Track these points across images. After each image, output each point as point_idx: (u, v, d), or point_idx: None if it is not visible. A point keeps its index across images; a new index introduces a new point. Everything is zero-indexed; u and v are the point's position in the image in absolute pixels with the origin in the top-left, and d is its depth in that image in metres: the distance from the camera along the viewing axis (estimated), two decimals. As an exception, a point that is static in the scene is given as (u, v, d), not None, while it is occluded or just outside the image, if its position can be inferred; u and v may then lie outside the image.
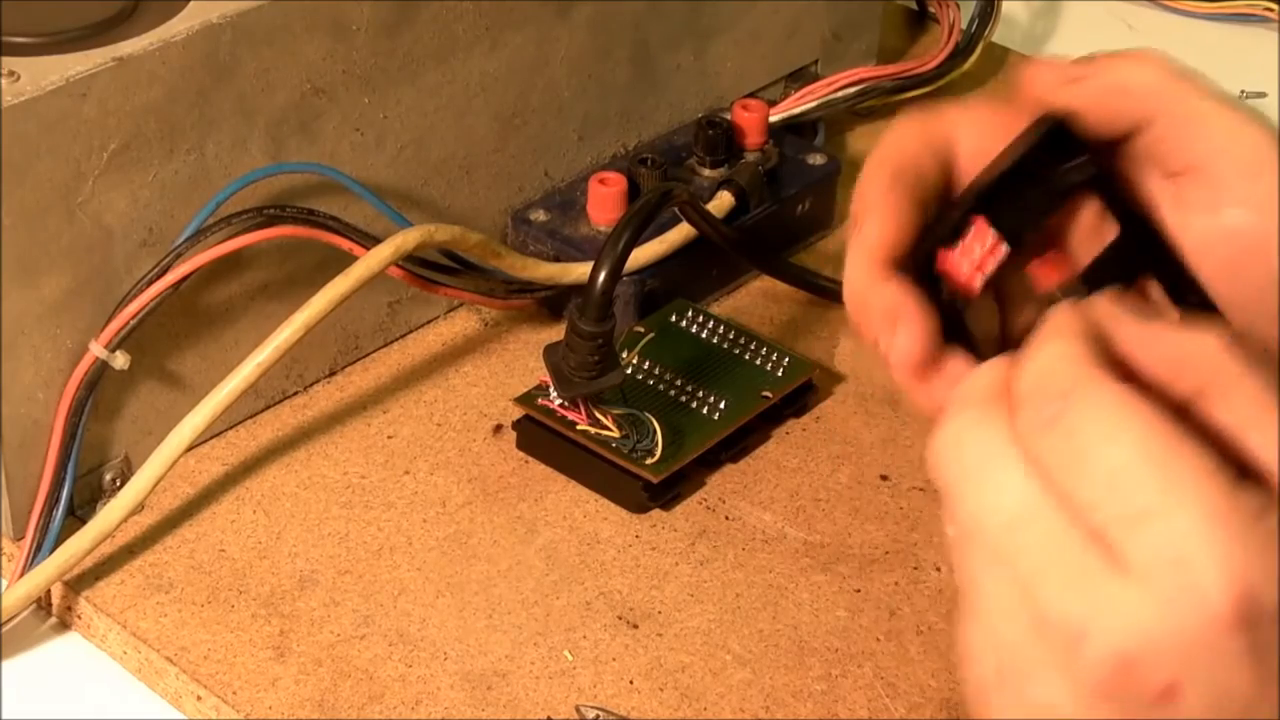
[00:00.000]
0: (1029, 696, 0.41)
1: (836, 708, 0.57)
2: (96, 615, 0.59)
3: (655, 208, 0.63)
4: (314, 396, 0.68)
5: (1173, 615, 0.39)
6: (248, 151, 0.62)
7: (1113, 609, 0.40)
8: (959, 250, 0.47)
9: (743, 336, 0.69)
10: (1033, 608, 0.41)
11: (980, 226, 0.46)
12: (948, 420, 0.43)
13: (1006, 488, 0.41)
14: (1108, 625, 0.40)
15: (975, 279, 0.47)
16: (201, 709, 0.57)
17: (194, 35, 0.59)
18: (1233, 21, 0.98)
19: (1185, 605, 0.39)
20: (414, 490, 0.64)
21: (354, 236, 0.64)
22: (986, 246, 0.47)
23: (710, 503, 0.64)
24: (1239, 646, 0.39)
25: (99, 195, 0.58)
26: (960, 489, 0.42)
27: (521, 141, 0.72)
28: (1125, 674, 0.39)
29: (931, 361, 0.47)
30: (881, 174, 0.48)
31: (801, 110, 0.80)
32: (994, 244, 0.47)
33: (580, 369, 0.62)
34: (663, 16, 0.75)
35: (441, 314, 0.72)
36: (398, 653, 0.58)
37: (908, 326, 0.46)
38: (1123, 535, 0.40)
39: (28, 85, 0.55)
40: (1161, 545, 0.39)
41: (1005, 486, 0.41)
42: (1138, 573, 0.39)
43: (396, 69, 0.65)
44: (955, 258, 0.47)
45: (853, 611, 0.60)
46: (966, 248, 0.47)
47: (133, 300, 0.59)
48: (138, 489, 0.60)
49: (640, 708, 0.56)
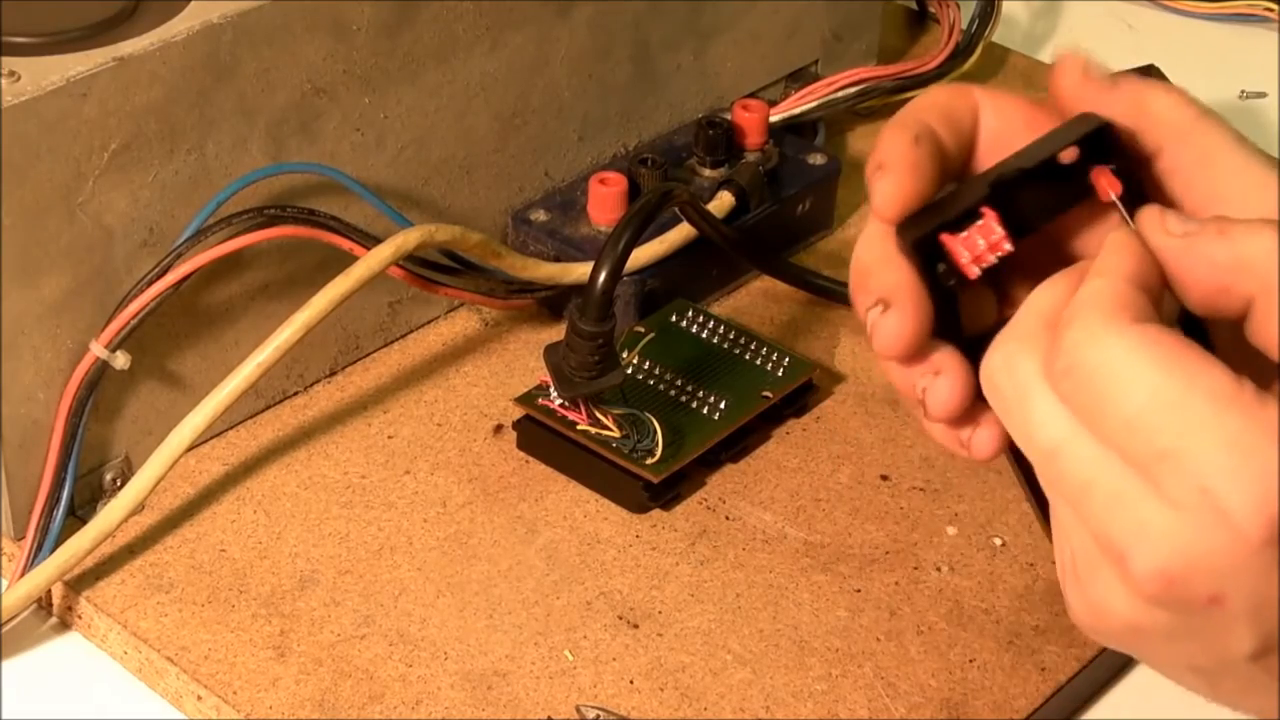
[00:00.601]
0: (1092, 595, 0.44)
1: (836, 708, 0.57)
2: (97, 615, 0.59)
3: (655, 208, 0.63)
4: (314, 396, 0.68)
5: (1207, 540, 0.41)
6: (248, 151, 0.62)
7: (1151, 532, 0.42)
8: (963, 239, 0.46)
9: (743, 336, 0.69)
10: (1086, 522, 0.43)
11: (988, 219, 0.46)
12: (998, 343, 0.45)
13: (1043, 421, 0.44)
14: (1148, 547, 0.42)
15: (972, 269, 0.46)
16: (202, 709, 0.57)
17: (194, 35, 0.59)
18: (1233, 21, 0.98)
19: (1217, 531, 0.41)
20: (414, 490, 0.64)
21: (354, 236, 0.64)
22: (991, 241, 0.46)
23: (710, 503, 0.64)
24: (1274, 559, 0.41)
25: (99, 195, 0.58)
26: (1006, 415, 0.45)
27: (522, 141, 0.72)
28: (1169, 588, 0.42)
29: (917, 349, 0.47)
30: (904, 134, 0.48)
31: (802, 110, 0.80)
32: (999, 239, 0.46)
33: (581, 369, 0.62)
34: (663, 16, 0.75)
35: (442, 314, 0.72)
36: (398, 653, 0.58)
37: (900, 310, 0.47)
38: (1152, 469, 0.42)
39: (28, 85, 0.55)
40: (1187, 480, 0.41)
41: (1042, 420, 0.44)
42: (1171, 500, 0.42)
43: (397, 69, 0.65)
44: (957, 244, 0.46)
45: (853, 611, 0.60)
46: (970, 238, 0.46)
47: (133, 300, 0.59)
48: (138, 489, 0.60)
49: (640, 708, 0.56)
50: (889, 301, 0.47)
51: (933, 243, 0.46)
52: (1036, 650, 0.59)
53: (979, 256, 0.46)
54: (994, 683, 0.58)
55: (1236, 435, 0.41)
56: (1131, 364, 0.42)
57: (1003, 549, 0.62)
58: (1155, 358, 0.42)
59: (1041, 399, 0.44)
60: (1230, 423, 0.41)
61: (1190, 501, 0.41)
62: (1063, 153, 0.46)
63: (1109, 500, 0.42)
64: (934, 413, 0.48)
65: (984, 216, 0.46)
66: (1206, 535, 0.41)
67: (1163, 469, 0.42)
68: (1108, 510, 0.42)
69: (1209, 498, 0.41)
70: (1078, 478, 0.43)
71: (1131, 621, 0.43)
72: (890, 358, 0.48)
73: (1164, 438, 0.41)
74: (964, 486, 0.65)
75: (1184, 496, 0.41)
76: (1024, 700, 0.57)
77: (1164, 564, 0.42)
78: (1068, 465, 0.43)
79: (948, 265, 0.46)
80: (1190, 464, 0.41)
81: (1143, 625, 0.43)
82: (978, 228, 0.46)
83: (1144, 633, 0.43)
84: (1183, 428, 0.41)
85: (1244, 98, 0.91)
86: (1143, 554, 0.42)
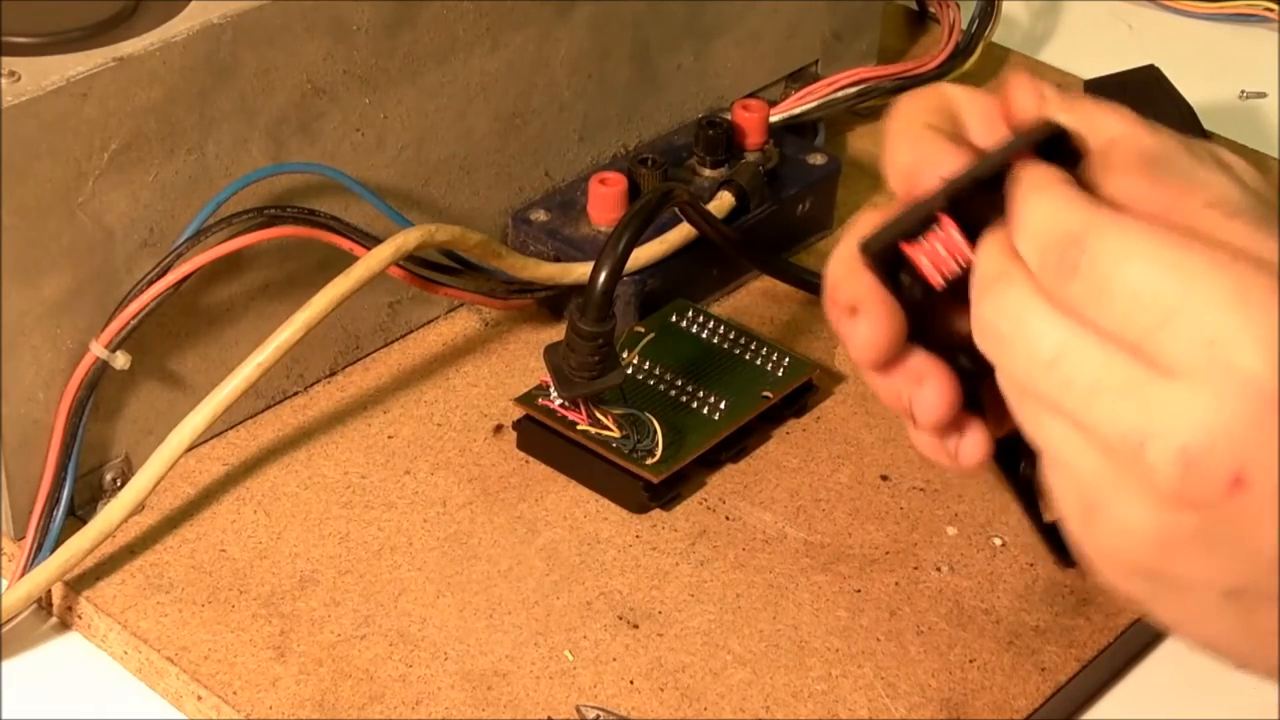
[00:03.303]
0: (1114, 522, 0.43)
1: (836, 708, 0.57)
2: (97, 615, 0.59)
3: (655, 208, 0.63)
4: (314, 396, 0.68)
5: (1221, 400, 0.41)
6: (248, 151, 0.62)
7: (1164, 410, 0.41)
8: (923, 248, 0.46)
9: (743, 336, 0.69)
10: (1094, 436, 0.42)
11: (945, 227, 0.46)
12: (977, 302, 0.45)
13: (1042, 333, 0.43)
14: (1163, 427, 0.41)
15: (935, 277, 0.46)
16: (202, 709, 0.57)
17: (194, 35, 0.59)
18: (1233, 21, 0.98)
19: (1230, 387, 0.41)
20: (414, 490, 0.64)
21: (354, 236, 0.64)
22: (951, 248, 0.46)
23: (710, 503, 0.64)
24: None
25: (99, 195, 0.58)
26: (1006, 355, 0.44)
27: (522, 141, 0.72)
28: (1191, 471, 0.41)
29: (892, 354, 0.47)
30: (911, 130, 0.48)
31: (802, 110, 0.80)
32: (958, 246, 0.46)
33: (581, 369, 0.62)
34: (663, 16, 0.75)
35: (442, 314, 0.72)
36: (398, 653, 0.58)
37: (869, 315, 0.47)
38: (1158, 341, 0.41)
39: (28, 85, 0.55)
40: (1193, 336, 0.41)
41: (1041, 332, 0.43)
42: (1180, 371, 0.41)
43: (397, 69, 0.65)
44: (918, 253, 0.46)
45: (853, 611, 0.60)
46: (930, 247, 0.46)
47: (133, 300, 0.59)
48: (138, 489, 0.60)
49: (640, 708, 0.57)
50: (857, 308, 0.47)
51: (894, 253, 0.46)
52: (1036, 650, 0.59)
53: (940, 263, 0.46)
54: (994, 683, 0.58)
55: (1239, 290, 0.41)
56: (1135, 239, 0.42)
57: (1003, 549, 0.62)
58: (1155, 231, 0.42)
59: (1037, 315, 0.43)
60: (1233, 276, 0.41)
61: (1199, 363, 0.41)
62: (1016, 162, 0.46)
63: (1117, 394, 0.42)
64: (922, 420, 0.48)
65: (941, 224, 0.46)
66: (1219, 396, 0.40)
67: (1167, 334, 0.41)
68: (1117, 405, 0.42)
69: (1216, 351, 0.40)
70: (1084, 380, 0.42)
71: (1157, 537, 0.42)
72: (867, 365, 0.48)
73: (1169, 297, 0.41)
74: (964, 486, 0.65)
75: (1192, 359, 0.41)
76: (1024, 700, 0.57)
77: (1182, 442, 0.41)
78: (1073, 369, 0.42)
79: (911, 276, 0.46)
80: (1194, 318, 0.41)
81: (1169, 539, 0.42)
82: (936, 236, 0.46)
83: (1171, 550, 0.42)
84: (1186, 281, 0.41)
85: (1244, 98, 0.91)
86: (1159, 437, 0.41)
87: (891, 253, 0.46)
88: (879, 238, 0.47)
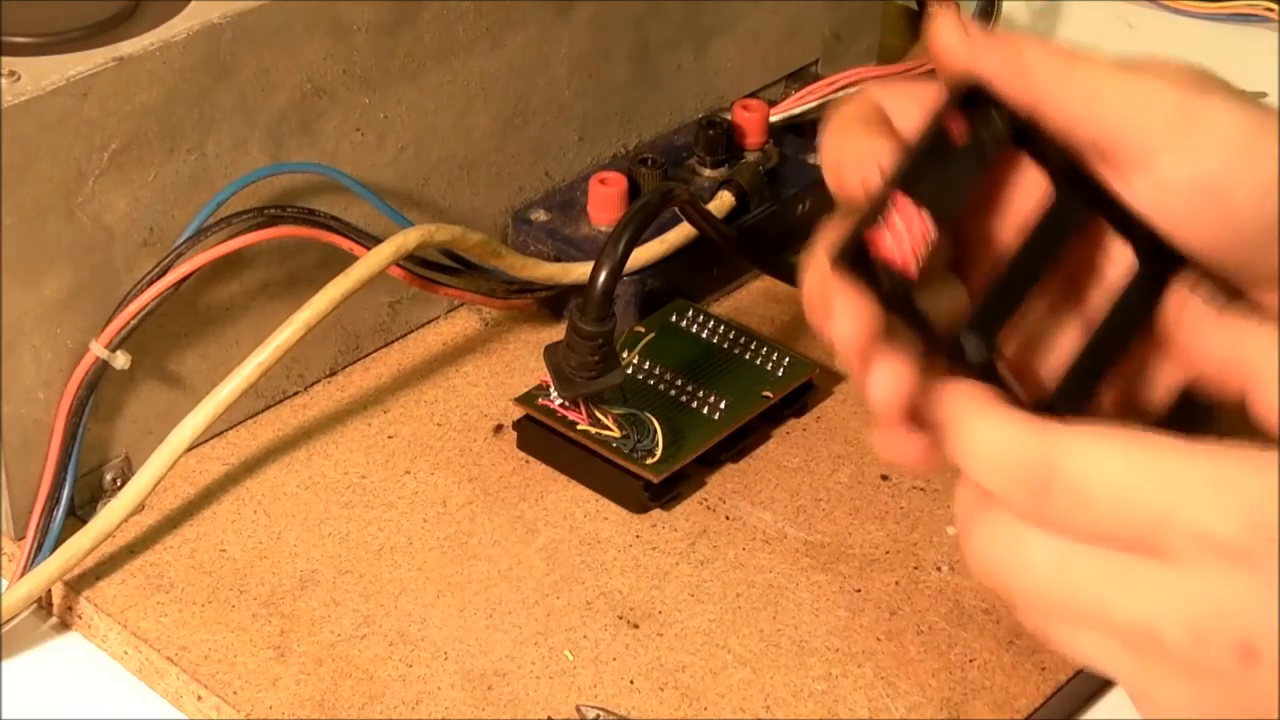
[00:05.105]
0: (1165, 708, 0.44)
1: (836, 708, 0.57)
2: (97, 615, 0.59)
3: (655, 208, 0.63)
4: (314, 396, 0.68)
5: (1219, 582, 0.42)
6: (248, 151, 0.62)
7: (1169, 594, 0.42)
8: (888, 234, 0.46)
9: (743, 336, 0.69)
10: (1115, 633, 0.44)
11: (903, 204, 0.45)
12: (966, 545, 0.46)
13: (1037, 553, 0.44)
14: (1170, 611, 0.42)
15: (910, 263, 0.46)
16: (202, 709, 0.57)
17: (194, 35, 0.59)
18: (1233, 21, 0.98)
19: (1224, 569, 0.42)
20: (414, 490, 0.64)
21: (354, 236, 0.64)
22: (915, 227, 0.46)
23: (710, 503, 0.64)
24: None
25: (99, 195, 0.58)
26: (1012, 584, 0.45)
27: (522, 141, 0.72)
28: (1203, 644, 0.42)
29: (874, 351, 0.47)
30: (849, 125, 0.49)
31: (802, 110, 0.80)
32: (922, 223, 0.46)
33: (581, 369, 0.62)
34: (663, 16, 0.75)
35: (442, 314, 0.72)
36: (398, 652, 0.58)
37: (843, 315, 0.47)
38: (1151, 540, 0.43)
39: (28, 85, 0.55)
40: (1183, 531, 0.42)
41: (1035, 553, 0.44)
42: (1174, 556, 0.42)
43: (397, 69, 0.65)
44: (886, 243, 0.46)
45: (853, 611, 0.60)
46: (895, 230, 0.46)
47: (133, 300, 0.59)
48: (138, 489, 0.60)
49: (640, 707, 0.56)
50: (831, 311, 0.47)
51: (861, 250, 0.46)
52: (1036, 650, 0.59)
53: (902, 239, 0.46)
54: (994, 683, 0.58)
55: (1213, 475, 0.42)
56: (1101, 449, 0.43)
57: (1003, 549, 0.62)
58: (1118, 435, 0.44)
59: (1026, 538, 0.44)
60: (1204, 466, 0.42)
61: (1192, 552, 0.42)
62: (949, 125, 0.46)
63: (1124, 588, 0.43)
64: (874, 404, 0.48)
65: (895, 203, 0.46)
66: (1217, 577, 0.42)
67: (1160, 533, 0.42)
68: (1125, 598, 0.43)
69: (1207, 541, 0.42)
70: (1089, 585, 0.44)
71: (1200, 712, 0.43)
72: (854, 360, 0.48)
73: (1151, 501, 0.42)
74: (964, 486, 0.65)
75: (1181, 548, 0.42)
76: (1024, 700, 0.57)
77: (1189, 620, 0.42)
78: (1077, 577, 0.44)
79: (884, 270, 0.46)
80: (1180, 515, 0.42)
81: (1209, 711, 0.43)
82: (896, 216, 0.46)
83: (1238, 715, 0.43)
84: (1162, 486, 0.42)
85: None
86: (1169, 621, 0.42)
87: (858, 248, 0.46)
88: (844, 237, 0.46)
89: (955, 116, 0.46)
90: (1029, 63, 0.47)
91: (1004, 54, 0.47)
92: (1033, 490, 0.44)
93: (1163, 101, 0.47)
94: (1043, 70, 0.47)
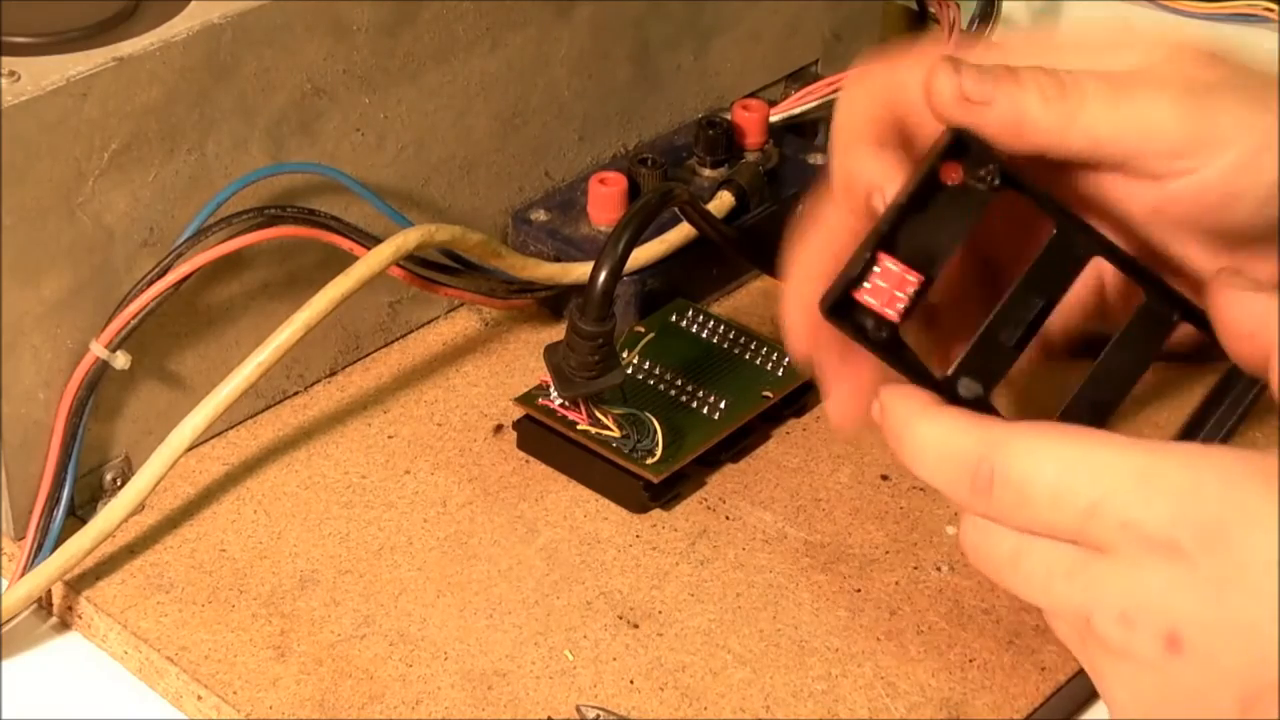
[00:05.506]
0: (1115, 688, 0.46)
1: (836, 708, 0.57)
2: (97, 615, 0.59)
3: (655, 208, 0.63)
4: (314, 396, 0.68)
5: (1143, 570, 0.44)
6: (248, 151, 0.62)
7: (1103, 583, 0.45)
8: (869, 289, 0.48)
9: (743, 336, 0.69)
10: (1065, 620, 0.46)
11: (883, 264, 0.48)
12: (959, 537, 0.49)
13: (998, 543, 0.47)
14: (1105, 598, 0.45)
15: (889, 313, 0.48)
16: (202, 709, 0.57)
17: (194, 35, 0.59)
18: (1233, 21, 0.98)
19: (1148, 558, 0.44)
20: (414, 490, 0.64)
21: (354, 236, 0.64)
22: (895, 280, 0.48)
23: (710, 502, 0.64)
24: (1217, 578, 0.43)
25: (99, 195, 0.58)
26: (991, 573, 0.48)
27: (522, 141, 0.72)
28: (1133, 632, 0.44)
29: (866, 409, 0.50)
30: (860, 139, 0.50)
31: (802, 110, 0.80)
32: (901, 277, 0.48)
33: (581, 369, 0.62)
34: (663, 16, 0.75)
35: (442, 314, 0.72)
36: (398, 652, 0.58)
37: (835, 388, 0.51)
38: (1086, 531, 0.45)
39: (28, 85, 0.55)
40: (1111, 521, 0.44)
41: (997, 543, 0.47)
42: (1108, 547, 0.44)
43: (397, 69, 0.65)
44: (868, 297, 0.48)
45: (853, 611, 0.60)
46: (875, 287, 0.48)
47: (133, 300, 0.59)
48: (138, 489, 0.60)
49: (640, 707, 0.56)
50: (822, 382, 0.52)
51: (848, 302, 0.48)
52: (1036, 650, 0.59)
53: (887, 297, 0.48)
54: (994, 683, 0.58)
55: (1144, 469, 0.44)
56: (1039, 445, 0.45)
57: (1003, 549, 0.62)
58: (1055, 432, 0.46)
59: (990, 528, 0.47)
60: (1134, 459, 0.44)
61: (1124, 543, 0.44)
62: (943, 175, 0.48)
63: (1067, 577, 0.45)
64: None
65: (879, 262, 0.48)
66: (1147, 568, 0.44)
67: (1093, 525, 0.44)
68: (1068, 587, 0.45)
69: (1137, 532, 0.44)
70: (1039, 572, 0.46)
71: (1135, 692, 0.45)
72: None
73: (1084, 491, 0.44)
74: (964, 486, 0.65)
75: (1113, 539, 0.44)
76: (1024, 700, 0.57)
77: (1120, 610, 0.44)
78: (1029, 565, 0.46)
79: (872, 318, 0.48)
80: (1111, 507, 0.44)
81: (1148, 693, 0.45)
82: (877, 274, 0.48)
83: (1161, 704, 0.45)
84: (1094, 479, 0.44)
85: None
86: (1102, 610, 0.44)
87: (846, 303, 0.48)
88: (830, 292, 0.48)
89: (948, 164, 0.48)
90: (1027, 118, 0.48)
91: (1000, 113, 0.48)
92: (976, 488, 0.46)
93: (1164, 128, 0.48)
94: (1040, 122, 0.48)
